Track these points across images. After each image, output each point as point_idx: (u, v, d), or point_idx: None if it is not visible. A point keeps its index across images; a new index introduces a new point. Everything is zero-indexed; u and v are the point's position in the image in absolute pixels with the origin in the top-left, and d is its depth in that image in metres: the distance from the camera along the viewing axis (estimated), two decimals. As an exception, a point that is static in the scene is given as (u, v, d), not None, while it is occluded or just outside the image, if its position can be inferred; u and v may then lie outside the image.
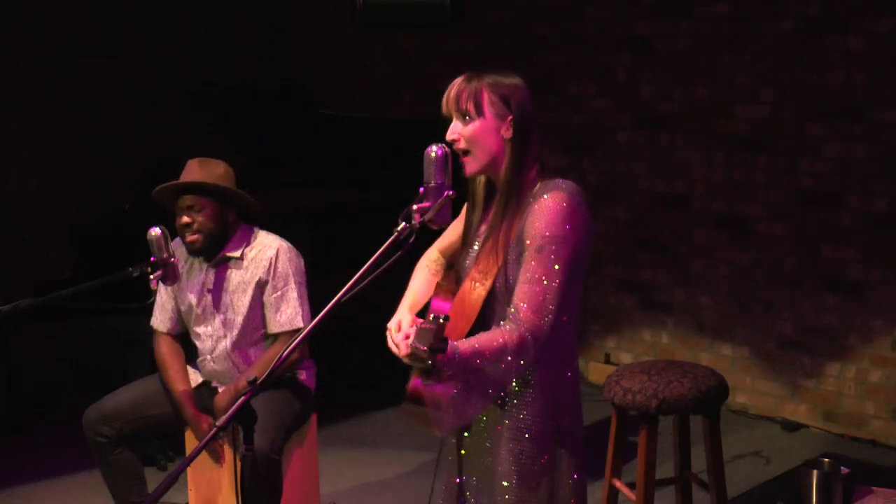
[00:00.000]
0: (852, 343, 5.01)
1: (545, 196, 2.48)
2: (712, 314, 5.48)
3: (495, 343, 2.40)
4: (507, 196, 2.53)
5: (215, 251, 3.71)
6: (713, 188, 5.39)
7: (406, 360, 2.37)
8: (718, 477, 3.71)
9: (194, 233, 3.64)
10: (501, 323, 2.45)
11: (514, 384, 2.56)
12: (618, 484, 3.73)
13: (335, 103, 6.42)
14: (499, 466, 2.59)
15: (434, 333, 2.23)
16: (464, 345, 2.37)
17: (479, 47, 6.16)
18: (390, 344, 2.57)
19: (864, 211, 4.90)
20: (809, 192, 5.06)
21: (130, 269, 3.40)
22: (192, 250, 3.70)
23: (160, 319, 3.87)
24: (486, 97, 2.51)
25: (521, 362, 2.47)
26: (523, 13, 6.02)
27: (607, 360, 5.92)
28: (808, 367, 5.16)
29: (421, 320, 2.31)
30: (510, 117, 2.51)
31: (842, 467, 3.12)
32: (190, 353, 3.89)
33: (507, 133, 2.52)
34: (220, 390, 3.75)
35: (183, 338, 3.89)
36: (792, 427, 5.19)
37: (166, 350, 3.83)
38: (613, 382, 3.63)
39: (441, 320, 2.26)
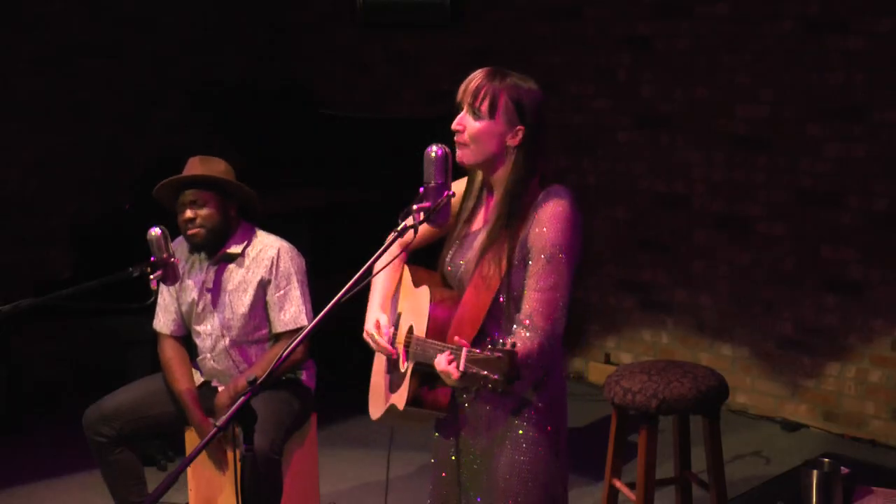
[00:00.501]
0: (852, 343, 5.00)
1: (549, 205, 2.48)
2: (712, 314, 5.48)
3: (521, 353, 2.38)
4: (510, 205, 2.52)
5: (217, 247, 3.71)
6: (713, 188, 5.38)
7: (452, 383, 2.33)
8: (718, 477, 3.71)
9: (197, 227, 3.64)
10: (517, 331, 2.44)
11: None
12: (618, 484, 3.73)
13: (335, 103, 6.42)
14: (497, 466, 2.59)
15: (507, 363, 2.18)
16: None
17: (479, 47, 6.16)
18: (377, 345, 2.65)
19: (864, 211, 4.90)
20: (809, 192, 5.06)
21: (130, 269, 3.39)
22: (195, 245, 3.69)
23: (163, 322, 3.86)
24: (503, 102, 2.50)
25: (540, 369, 2.47)
26: (523, 13, 6.02)
27: (607, 360, 5.92)
28: (808, 367, 5.16)
29: (467, 343, 2.24)
30: (520, 127, 2.51)
31: (842, 467, 3.12)
32: (191, 352, 3.88)
33: (513, 141, 2.52)
34: (220, 389, 3.74)
35: (186, 339, 3.89)
36: (792, 427, 5.18)
37: (171, 354, 3.82)
38: (613, 382, 3.63)
39: (504, 346, 2.20)
